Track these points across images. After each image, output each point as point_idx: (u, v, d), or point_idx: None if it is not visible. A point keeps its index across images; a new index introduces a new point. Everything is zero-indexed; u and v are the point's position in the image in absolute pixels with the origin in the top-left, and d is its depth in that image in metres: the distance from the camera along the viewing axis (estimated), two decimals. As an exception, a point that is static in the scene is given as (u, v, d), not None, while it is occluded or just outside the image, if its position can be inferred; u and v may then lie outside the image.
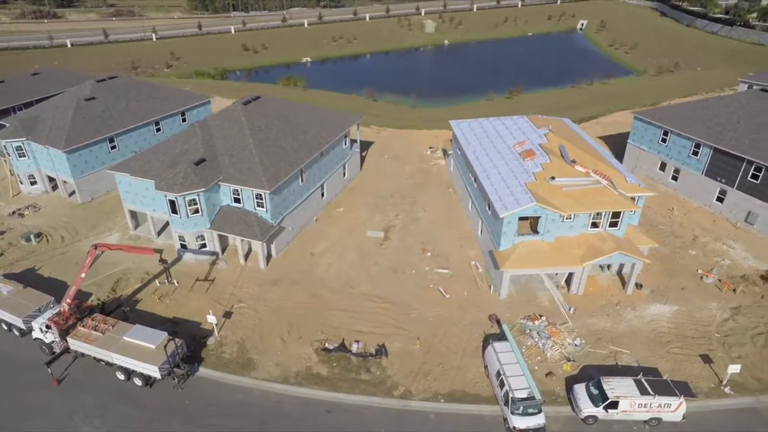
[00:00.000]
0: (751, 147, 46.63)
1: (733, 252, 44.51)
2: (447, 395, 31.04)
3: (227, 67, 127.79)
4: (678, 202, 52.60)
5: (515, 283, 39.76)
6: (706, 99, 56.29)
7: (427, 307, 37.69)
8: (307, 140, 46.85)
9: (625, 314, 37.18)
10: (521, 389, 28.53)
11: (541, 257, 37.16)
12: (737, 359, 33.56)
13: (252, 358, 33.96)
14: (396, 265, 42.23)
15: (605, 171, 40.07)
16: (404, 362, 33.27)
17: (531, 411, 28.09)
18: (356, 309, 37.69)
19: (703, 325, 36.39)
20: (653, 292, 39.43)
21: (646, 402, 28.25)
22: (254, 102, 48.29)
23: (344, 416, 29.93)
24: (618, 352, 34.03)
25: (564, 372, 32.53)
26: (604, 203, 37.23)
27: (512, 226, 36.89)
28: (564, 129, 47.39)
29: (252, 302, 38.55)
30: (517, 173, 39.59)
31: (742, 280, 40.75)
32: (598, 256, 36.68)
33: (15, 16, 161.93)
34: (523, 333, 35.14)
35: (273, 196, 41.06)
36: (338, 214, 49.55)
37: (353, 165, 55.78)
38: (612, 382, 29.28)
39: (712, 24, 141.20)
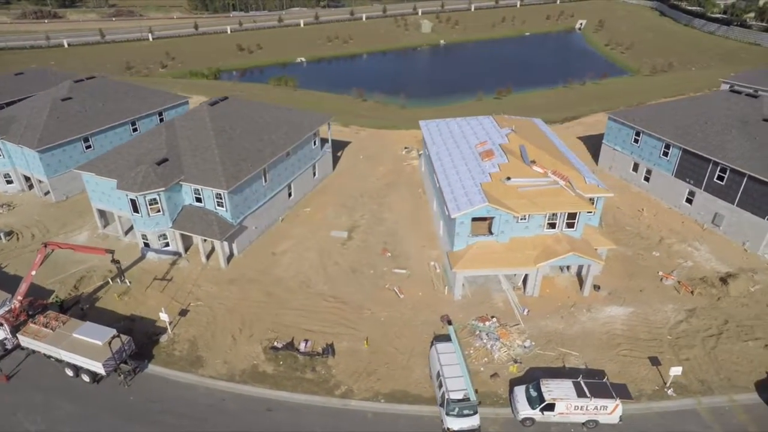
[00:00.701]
0: (717, 148, 46.21)
1: (697, 254, 44.14)
2: (388, 395, 31.14)
3: (221, 67, 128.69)
4: (650, 203, 52.23)
5: (472, 284, 39.75)
6: (678, 100, 55.81)
7: (380, 308, 37.79)
8: (272, 141, 47.10)
9: (579, 316, 37.02)
10: (457, 390, 28.53)
11: (495, 258, 37.10)
12: (685, 361, 33.35)
13: (201, 355, 34.28)
14: (355, 265, 42.36)
15: (565, 172, 39.93)
16: (350, 362, 33.40)
17: (466, 412, 28.09)
18: (310, 308, 37.88)
19: (657, 328, 36.16)
20: (611, 293, 39.23)
21: (583, 404, 28.15)
22: (221, 103, 48.65)
23: (283, 415, 30.14)
24: (567, 354, 33.92)
25: (510, 374, 32.50)
26: (559, 204, 37.07)
27: (465, 226, 36.86)
28: (530, 129, 47.24)
29: (208, 300, 38.87)
30: (474, 174, 39.54)
31: (701, 282, 40.41)
32: (551, 257, 36.55)
33: (16, 16, 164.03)
34: (473, 334, 35.14)
35: (232, 195, 41.36)
36: (305, 214, 49.77)
37: (324, 165, 55.97)
38: (550, 384, 29.21)
39: (710, 24, 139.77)
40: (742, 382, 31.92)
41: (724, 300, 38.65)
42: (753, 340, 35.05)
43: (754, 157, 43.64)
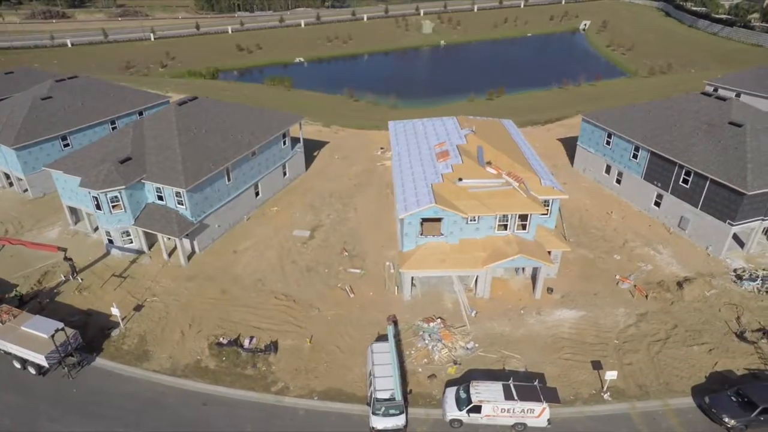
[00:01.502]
0: (683, 151, 45.63)
1: (659, 257, 43.64)
2: (322, 393, 31.43)
3: (220, 67, 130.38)
4: (620, 205, 51.74)
5: (425, 285, 39.85)
6: (651, 102, 55.15)
7: (329, 306, 38.09)
8: (237, 140, 47.68)
9: (527, 319, 36.90)
10: (384, 390, 28.72)
11: (444, 259, 37.13)
12: (627, 365, 33.10)
13: (149, 350, 34.92)
14: (312, 264, 42.73)
15: (521, 173, 39.80)
16: (291, 359, 33.77)
17: (392, 412, 28.25)
18: (260, 306, 38.34)
19: (605, 332, 35.88)
20: (564, 297, 39.01)
21: (510, 407, 28.10)
22: (190, 103, 49.37)
23: (218, 409, 30.60)
24: (509, 356, 33.86)
25: (448, 375, 32.55)
26: (509, 205, 36.97)
27: (413, 227, 36.96)
28: (494, 130, 47.12)
29: (164, 296, 39.54)
30: (428, 174, 39.62)
31: (657, 286, 40.00)
32: (500, 259, 36.47)
33: (26, 16, 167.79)
34: (417, 335, 35.26)
35: (192, 194, 41.99)
36: (272, 213, 50.27)
37: (296, 165, 56.44)
38: (480, 386, 29.21)
39: (714, 25, 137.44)
40: (679, 387, 31.58)
41: (678, 304, 38.21)
42: (699, 344, 34.62)
43: (717, 161, 43.02)
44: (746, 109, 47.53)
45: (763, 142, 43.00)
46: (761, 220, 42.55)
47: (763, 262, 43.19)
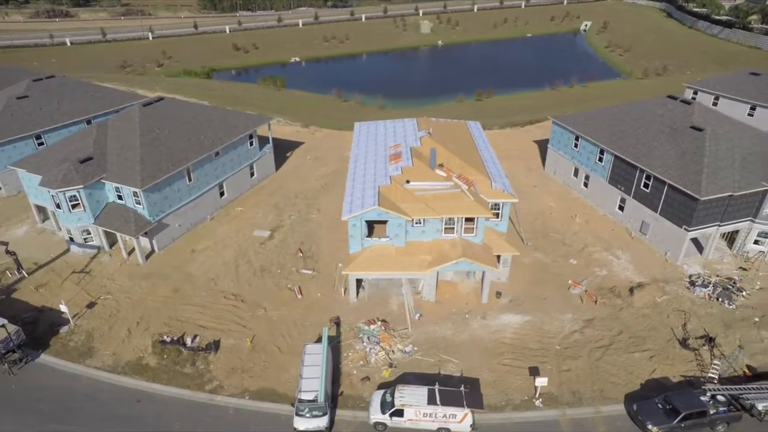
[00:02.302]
0: (644, 155, 45.15)
1: (616, 263, 43.25)
2: (255, 393, 31.69)
3: (216, 66, 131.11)
4: (586, 209, 51.36)
5: (374, 287, 39.96)
6: (620, 104, 54.61)
7: (275, 307, 38.35)
8: (200, 141, 48.13)
9: (471, 323, 36.81)
10: (309, 391, 28.85)
11: (389, 261, 37.17)
12: (565, 372, 32.92)
13: (94, 346, 35.45)
14: (266, 264, 43.02)
15: (472, 176, 39.72)
16: (230, 358, 34.08)
17: (315, 413, 28.41)
18: (209, 305, 38.71)
19: (548, 337, 35.68)
20: (511, 301, 38.85)
21: (432, 412, 28.10)
22: (156, 104, 49.89)
23: (150, 406, 31.01)
24: (446, 360, 33.81)
25: (382, 378, 32.61)
26: (455, 208, 36.90)
27: (357, 229, 37.05)
28: (454, 132, 46.99)
29: (118, 294, 40.08)
30: (378, 176, 39.64)
31: (609, 291, 39.67)
32: (443, 262, 36.46)
33: (30, 15, 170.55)
34: (357, 337, 35.36)
35: (149, 194, 42.52)
36: (236, 213, 50.66)
37: (265, 165, 56.79)
38: (405, 390, 29.23)
39: (713, 26, 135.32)
40: (614, 394, 31.32)
41: (626, 311, 37.88)
42: (641, 351, 34.30)
43: (675, 165, 42.53)
44: (709, 113, 46.92)
45: (722, 146, 42.42)
46: (717, 225, 42.01)
47: (720, 268, 42.64)
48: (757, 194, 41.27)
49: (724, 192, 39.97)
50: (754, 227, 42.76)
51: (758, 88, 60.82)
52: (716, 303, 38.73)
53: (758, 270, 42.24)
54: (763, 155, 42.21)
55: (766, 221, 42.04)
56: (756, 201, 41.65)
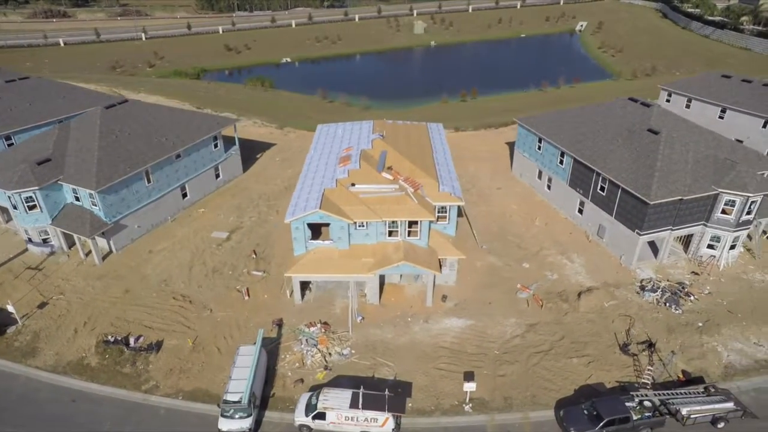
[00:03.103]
0: (601, 158, 44.96)
1: (569, 267, 43.11)
2: (189, 393, 31.97)
3: (207, 67, 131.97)
4: (549, 212, 51.22)
5: (321, 289, 40.15)
6: (583, 107, 54.38)
7: (221, 308, 38.62)
8: (161, 143, 48.50)
9: (413, 326, 36.86)
10: (235, 393, 29.08)
11: (331, 264, 37.34)
12: (500, 377, 32.89)
13: (38, 346, 35.87)
14: (219, 265, 43.32)
15: (421, 179, 39.79)
16: (170, 359, 34.38)
17: (240, 415, 28.64)
18: (157, 306, 39.05)
19: (489, 342, 35.65)
20: (457, 305, 38.84)
21: (353, 415, 28.23)
22: (118, 106, 50.36)
23: (84, 406, 31.36)
24: (382, 364, 33.90)
25: (315, 380, 32.78)
26: (398, 212, 36.99)
27: (300, 231, 37.24)
28: (410, 134, 47.02)
29: (70, 294, 40.50)
30: (326, 179, 39.83)
31: (557, 296, 39.57)
32: (386, 265, 36.56)
33: (28, 15, 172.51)
34: (296, 339, 35.55)
35: (105, 195, 42.94)
36: (198, 214, 51.01)
37: (231, 166, 57.13)
38: (330, 393, 29.37)
39: (706, 27, 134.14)
40: (545, 400, 31.27)
41: (571, 315, 37.78)
42: (580, 357, 34.20)
43: (629, 169, 42.32)
44: (667, 116, 46.60)
45: (677, 150, 42.16)
46: (670, 230, 41.76)
47: (673, 272, 42.39)
48: (709, 198, 40.97)
49: (674, 196, 39.73)
50: (707, 231, 42.45)
51: (729, 91, 60.35)
52: (663, 308, 38.54)
53: (710, 274, 41.96)
54: (716, 159, 41.89)
55: (718, 225, 41.72)
56: (708, 205, 41.36)
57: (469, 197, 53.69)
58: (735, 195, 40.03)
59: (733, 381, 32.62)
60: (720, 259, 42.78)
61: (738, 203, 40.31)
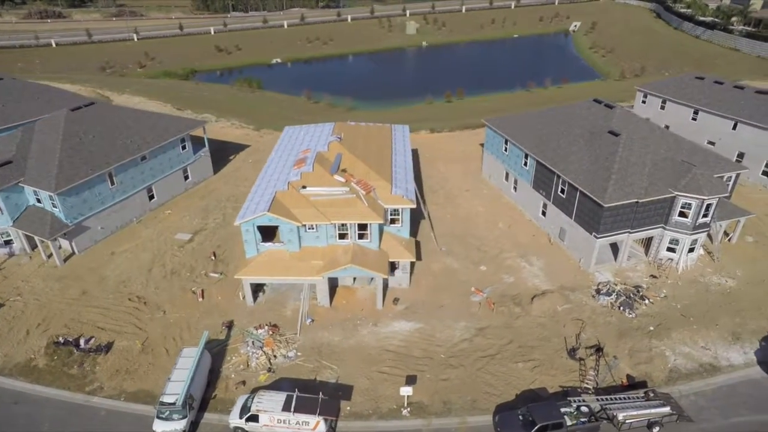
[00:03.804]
0: (561, 160, 44.81)
1: (527, 269, 42.99)
2: (131, 394, 32.15)
3: (198, 67, 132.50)
4: (515, 214, 51.10)
5: (275, 291, 40.25)
6: (549, 108, 54.19)
7: (175, 309, 38.78)
8: (125, 146, 48.69)
9: (362, 329, 36.86)
10: (171, 394, 29.23)
11: (281, 266, 37.43)
12: (443, 381, 32.86)
13: (-12, 348, 36.24)
14: (178, 267, 43.48)
15: (374, 182, 39.81)
16: (117, 360, 34.55)
17: (175, 416, 28.79)
18: (112, 307, 39.25)
19: (435, 345, 35.60)
20: (407, 308, 38.82)
21: (285, 418, 28.34)
22: (84, 108, 50.49)
23: (26, 407, 31.57)
24: (325, 367, 33.93)
25: (258, 382, 32.87)
26: (347, 214, 37.04)
27: (251, 234, 37.36)
28: (371, 136, 47.05)
29: (28, 296, 40.76)
30: (280, 182, 39.94)
31: (511, 299, 39.47)
32: (333, 268, 36.60)
33: (23, 15, 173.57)
34: (243, 341, 35.66)
35: (65, 197, 43.22)
36: (164, 216, 51.20)
37: (201, 168, 57.28)
38: (265, 396, 29.50)
39: (697, 27, 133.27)
40: (485, 405, 31.20)
41: (523, 319, 37.68)
42: (526, 361, 34.12)
43: (587, 171, 42.15)
44: (629, 117, 46.33)
45: (635, 152, 41.94)
46: (628, 233, 41.56)
47: (632, 275, 42.19)
48: (666, 201, 40.75)
49: (630, 198, 39.55)
50: (665, 234, 42.23)
51: (702, 92, 59.98)
52: (617, 312, 38.39)
53: (668, 278, 41.75)
54: (674, 162, 41.64)
55: (676, 228, 41.48)
56: (666, 208, 41.14)
57: (436, 199, 53.75)
58: (690, 198, 39.79)
59: (675, 385, 32.48)
60: (679, 262, 42.56)
61: (694, 206, 40.07)
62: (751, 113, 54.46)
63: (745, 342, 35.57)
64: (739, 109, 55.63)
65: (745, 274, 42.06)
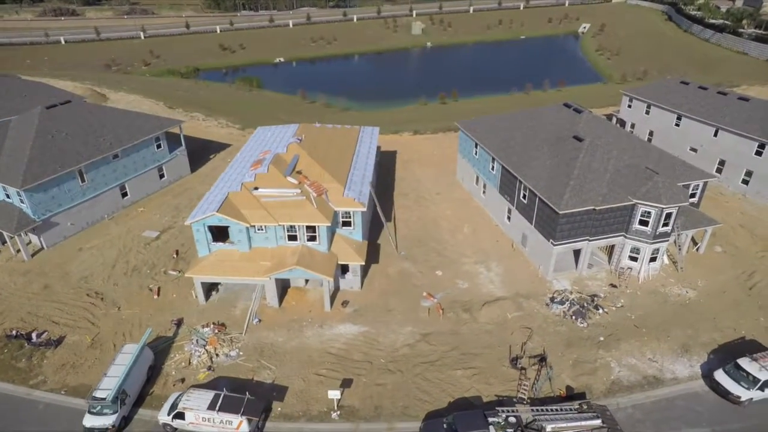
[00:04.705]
0: (524, 165, 44.27)
1: (484, 275, 42.58)
2: (72, 389, 32.74)
3: (201, 66, 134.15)
4: (482, 218, 50.70)
5: (228, 291, 40.62)
6: (520, 111, 53.49)
7: (130, 306, 39.39)
8: (98, 144, 49.70)
9: (306, 331, 36.97)
10: (104, 389, 29.75)
11: (232, 266, 37.77)
12: (378, 386, 32.75)
13: (-59, 343, 37.25)
14: (140, 264, 44.19)
15: (328, 184, 39.94)
16: (65, 354, 35.25)
17: (106, 411, 29.32)
18: (70, 302, 40.04)
19: (377, 350, 35.49)
20: (356, 311, 38.79)
21: (210, 417, 28.61)
22: (60, 106, 51.59)
23: (-33, 401, 32.53)
24: (265, 367, 34.15)
25: (196, 380, 33.24)
26: (295, 216, 37.23)
27: (202, 233, 37.78)
28: (333, 138, 47.16)
29: (-9, 290, 42.01)
30: (235, 183, 40.28)
31: (461, 305, 39.14)
32: (280, 269, 36.80)
33: (38, 13, 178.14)
34: (190, 339, 36.09)
35: (32, 193, 44.28)
36: (136, 213, 52.07)
37: (178, 167, 58.06)
38: (194, 393, 29.85)
39: (706, 30, 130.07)
40: (416, 411, 30.98)
41: (470, 326, 37.35)
42: (466, 369, 33.80)
43: (547, 177, 41.57)
44: (597, 122, 45.48)
45: (597, 158, 41.18)
46: (587, 240, 40.86)
47: (591, 284, 41.48)
48: (626, 209, 39.95)
49: (587, 206, 38.88)
50: (627, 243, 41.41)
51: (685, 98, 58.61)
52: (569, 321, 37.81)
53: (627, 287, 40.95)
54: (638, 169, 40.77)
55: (637, 237, 40.64)
56: (626, 216, 40.33)
57: (406, 202, 53.59)
58: (649, 206, 38.96)
59: (615, 397, 31.87)
60: (640, 271, 41.69)
61: (653, 214, 39.20)
62: (732, 120, 53.05)
63: (693, 355, 34.72)
64: (721, 115, 54.26)
65: (706, 286, 41.03)
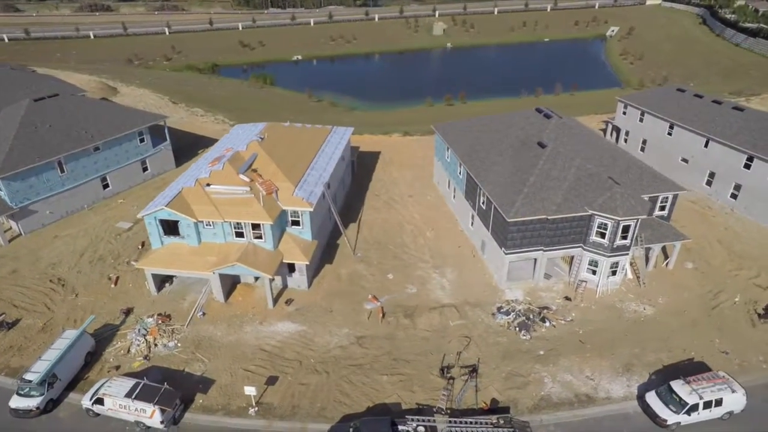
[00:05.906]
0: (485, 170, 43.34)
1: (435, 281, 41.97)
2: (13, 370, 33.83)
3: (221, 62, 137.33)
4: (450, 223, 50.05)
5: (181, 284, 41.52)
6: (493, 116, 52.22)
7: (88, 294, 40.75)
8: (79, 136, 51.67)
9: (246, 327, 37.39)
10: (34, 372, 30.98)
11: (180, 260, 38.57)
12: (302, 385, 32.83)
13: None
14: (106, 254, 45.70)
15: (280, 183, 40.26)
16: (16, 337, 36.79)
17: (32, 393, 30.53)
18: (33, 287, 41.81)
19: (310, 350, 35.53)
20: (298, 310, 38.95)
21: (126, 404, 29.39)
22: (48, 99, 53.87)
23: None
24: (198, 359, 34.76)
25: (131, 368, 34.16)
26: (241, 213, 37.70)
27: (153, 226, 38.75)
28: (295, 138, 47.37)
29: (-38, 273, 44.30)
30: (194, 178, 41.09)
31: (403, 310, 38.69)
32: (223, 264, 37.36)
33: (75, 9, 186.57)
34: (133, 328, 37.12)
35: (10, 182, 46.43)
36: (116, 204, 53.90)
37: (162, 161, 59.70)
38: (116, 381, 30.74)
39: (738, 34, 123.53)
40: (333, 414, 30.88)
41: (407, 332, 36.89)
42: (393, 374, 33.43)
43: (504, 183, 40.58)
44: (563, 128, 43.58)
45: (558, 165, 39.90)
46: (542, 250, 39.64)
47: (546, 295, 40.27)
48: (584, 219, 38.53)
49: (538, 215, 37.74)
50: (585, 255, 39.92)
51: (679, 106, 55.92)
52: (513, 332, 36.84)
53: (582, 301, 39.51)
54: (600, 178, 39.12)
55: (594, 249, 39.13)
56: (584, 227, 38.90)
57: (376, 203, 53.39)
58: (605, 218, 37.45)
59: (540, 414, 30.84)
60: (598, 284, 40.15)
61: (610, 226, 37.66)
62: (723, 130, 50.31)
63: (634, 374, 33.19)
64: (712, 125, 51.54)
65: (667, 303, 39.13)
